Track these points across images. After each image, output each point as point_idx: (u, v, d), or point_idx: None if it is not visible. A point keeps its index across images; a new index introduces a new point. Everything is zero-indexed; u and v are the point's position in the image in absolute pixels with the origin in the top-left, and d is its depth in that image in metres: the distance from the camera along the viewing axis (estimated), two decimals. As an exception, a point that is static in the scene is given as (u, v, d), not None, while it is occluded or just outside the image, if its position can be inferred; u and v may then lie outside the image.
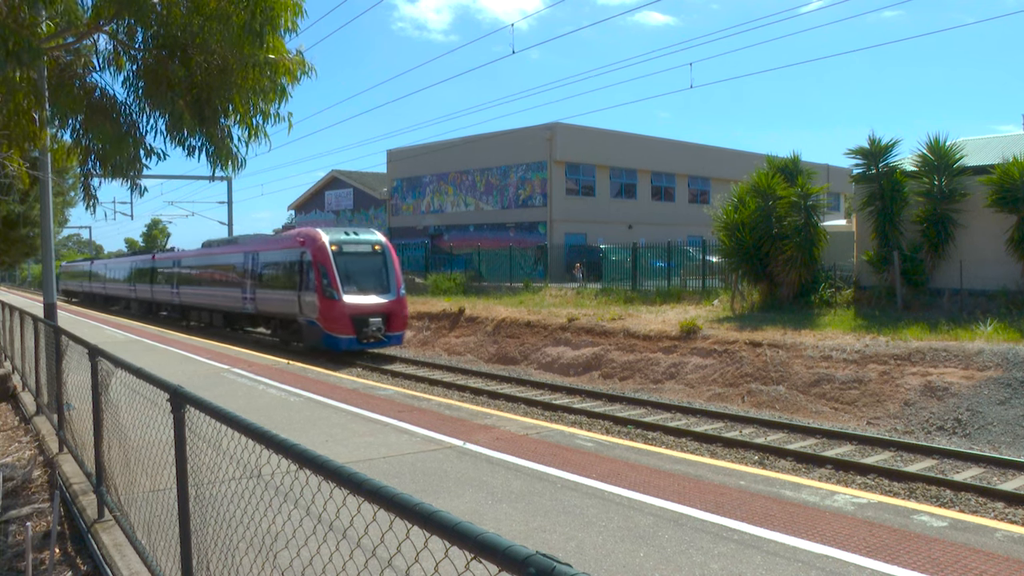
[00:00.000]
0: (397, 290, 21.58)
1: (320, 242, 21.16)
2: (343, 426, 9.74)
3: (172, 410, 3.91)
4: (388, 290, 21.49)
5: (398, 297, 21.50)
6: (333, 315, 20.32)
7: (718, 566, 5.04)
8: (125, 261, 44.87)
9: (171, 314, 35.31)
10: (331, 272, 20.52)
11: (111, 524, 6.07)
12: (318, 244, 21.14)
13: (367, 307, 20.68)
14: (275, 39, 6.56)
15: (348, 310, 20.30)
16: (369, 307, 20.72)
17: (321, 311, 20.53)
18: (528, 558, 1.46)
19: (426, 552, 1.92)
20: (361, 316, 20.44)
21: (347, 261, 21.15)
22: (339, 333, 20.32)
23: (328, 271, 20.55)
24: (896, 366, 14.08)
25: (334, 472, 2.19)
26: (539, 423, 10.12)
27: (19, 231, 26.71)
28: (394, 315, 21.24)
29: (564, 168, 36.80)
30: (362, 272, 21.39)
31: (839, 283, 20.99)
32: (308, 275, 21.21)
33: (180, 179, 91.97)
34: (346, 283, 20.67)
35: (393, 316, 21.18)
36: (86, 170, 8.21)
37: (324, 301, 20.44)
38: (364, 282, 21.27)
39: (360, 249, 21.76)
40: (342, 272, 20.71)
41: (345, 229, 22.87)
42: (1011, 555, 5.15)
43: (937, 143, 18.82)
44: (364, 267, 21.57)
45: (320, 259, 20.85)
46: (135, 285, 40.17)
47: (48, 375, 10.21)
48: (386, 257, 22.00)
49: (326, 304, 20.42)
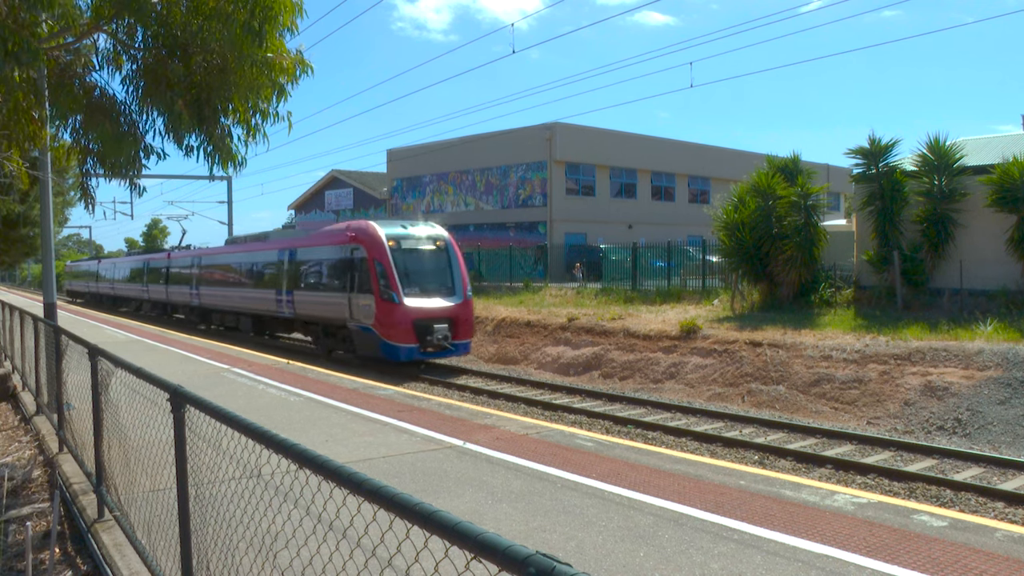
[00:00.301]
0: (464, 292, 18.89)
1: (376, 236, 18.45)
2: (343, 426, 9.74)
3: (172, 410, 3.91)
4: (453, 292, 18.79)
5: (465, 300, 18.83)
6: (392, 321, 17.72)
7: (718, 566, 5.04)
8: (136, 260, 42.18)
9: (189, 317, 32.71)
10: (390, 271, 17.86)
11: (111, 524, 6.07)
12: (374, 238, 18.45)
13: (431, 311, 18.05)
14: (274, 38, 6.57)
15: (411, 315, 17.72)
16: (434, 311, 18.08)
17: (378, 316, 17.90)
18: (528, 558, 1.46)
19: (426, 552, 1.92)
20: (425, 322, 17.89)
21: (406, 258, 18.48)
22: (399, 341, 17.71)
23: (386, 270, 17.87)
24: (896, 366, 14.08)
25: (334, 472, 2.19)
26: (539, 423, 10.12)
27: (19, 231, 26.64)
28: (461, 321, 18.57)
29: (564, 168, 36.80)
30: (424, 271, 18.79)
31: (839, 283, 20.99)
32: (361, 274, 18.52)
33: (180, 179, 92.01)
34: (406, 284, 18.05)
35: (459, 322, 18.54)
36: (85, 170, 8.21)
37: (382, 304, 17.81)
38: (426, 283, 18.63)
39: (420, 245, 19.02)
40: (401, 271, 18.06)
41: (401, 222, 20.16)
42: (1011, 555, 5.15)
43: (937, 143, 18.82)
44: (426, 265, 18.93)
45: (376, 255, 18.13)
46: (147, 285, 37.70)
47: (48, 375, 10.21)
48: (450, 254, 19.25)
49: (384, 308, 17.78)
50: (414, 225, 19.75)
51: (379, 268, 17.96)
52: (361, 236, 18.80)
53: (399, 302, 17.73)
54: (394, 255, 18.18)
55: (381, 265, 17.98)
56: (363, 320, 18.41)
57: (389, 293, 17.80)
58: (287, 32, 6.72)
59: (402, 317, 17.71)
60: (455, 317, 18.42)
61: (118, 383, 5.85)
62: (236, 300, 26.71)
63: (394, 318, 17.73)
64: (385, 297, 17.82)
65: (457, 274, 19.06)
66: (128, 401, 5.61)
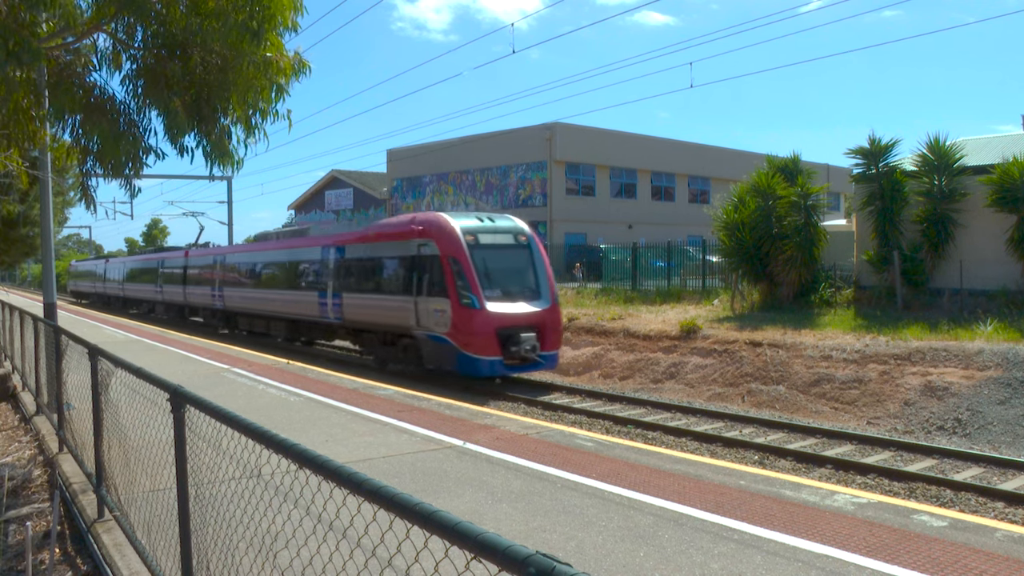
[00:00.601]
0: (551, 295, 16.36)
1: (450, 230, 15.94)
2: (343, 426, 9.74)
3: (172, 410, 3.91)
4: (539, 295, 16.24)
5: (552, 305, 16.27)
6: (472, 329, 15.22)
7: (718, 566, 5.04)
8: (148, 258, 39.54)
9: (210, 321, 30.20)
10: (469, 271, 15.34)
11: (111, 524, 6.07)
12: (447, 232, 15.94)
13: (516, 318, 15.57)
14: (273, 37, 6.57)
15: (493, 322, 15.23)
16: (519, 318, 15.60)
17: (455, 323, 15.32)
18: (528, 558, 1.46)
19: (426, 552, 1.92)
20: (509, 330, 15.39)
21: (485, 256, 15.94)
22: (480, 353, 15.23)
23: (465, 269, 15.36)
24: (896, 366, 14.09)
25: (334, 472, 2.19)
26: (539, 423, 10.12)
27: (19, 231, 26.61)
28: (548, 329, 16.02)
29: (564, 168, 36.82)
30: (506, 271, 16.32)
31: (839, 283, 21.00)
32: (432, 275, 16.01)
33: (180, 179, 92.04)
34: (487, 286, 15.56)
35: (547, 330, 15.97)
36: (85, 170, 8.21)
37: (460, 310, 15.28)
38: (509, 284, 16.17)
39: (500, 240, 16.47)
40: (480, 271, 15.56)
41: (476, 214, 17.39)
42: (1011, 555, 5.15)
43: (937, 143, 18.83)
44: (507, 264, 16.45)
45: (451, 252, 15.62)
46: (162, 286, 35.19)
47: (48, 375, 10.21)
48: (533, 251, 16.73)
49: (463, 314, 15.26)
50: (492, 218, 17.11)
51: (455, 267, 15.44)
52: (431, 229, 16.29)
53: (480, 307, 15.22)
54: (472, 252, 15.62)
55: (458, 264, 15.44)
56: (435, 328, 15.83)
57: (469, 297, 15.25)
58: (288, 31, 6.73)
59: (484, 325, 15.22)
60: (542, 324, 15.89)
61: (118, 383, 5.85)
62: (268, 303, 24.11)
63: (474, 326, 15.22)
64: (464, 301, 15.27)
65: (543, 274, 16.54)
66: (128, 401, 5.61)
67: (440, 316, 15.68)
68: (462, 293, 15.31)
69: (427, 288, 16.05)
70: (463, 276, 15.36)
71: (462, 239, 15.73)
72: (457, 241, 15.71)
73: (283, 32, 6.71)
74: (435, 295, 15.84)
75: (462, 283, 15.33)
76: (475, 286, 15.30)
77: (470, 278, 15.32)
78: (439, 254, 15.79)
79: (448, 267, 15.53)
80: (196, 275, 30.87)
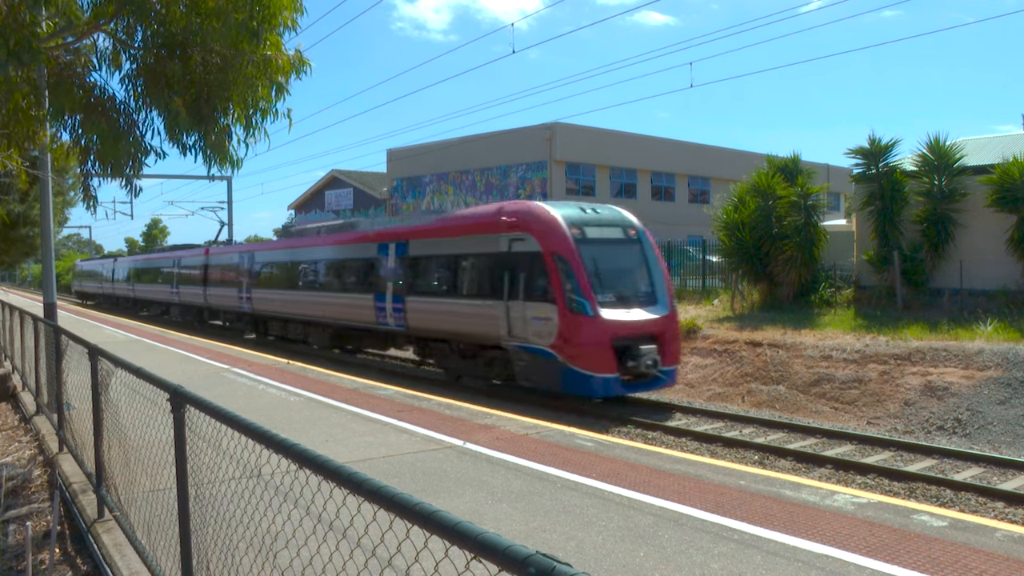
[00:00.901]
0: (668, 299, 14.01)
1: (553, 222, 13.52)
2: (343, 426, 9.74)
3: (172, 410, 3.91)
4: (656, 299, 13.86)
5: (671, 311, 13.96)
6: (584, 340, 12.83)
7: (718, 566, 5.04)
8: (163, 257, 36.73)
9: (234, 325, 27.75)
10: (579, 270, 12.96)
11: (111, 524, 6.07)
12: (549, 225, 13.51)
13: (634, 327, 13.21)
14: (272, 37, 6.57)
15: (609, 332, 12.87)
16: (636, 327, 13.24)
17: (563, 333, 12.87)
18: (528, 558, 1.46)
19: (426, 552, 1.92)
20: (626, 341, 13.02)
21: (595, 253, 13.49)
22: (593, 369, 12.79)
23: (574, 269, 12.95)
24: (896, 366, 14.09)
25: (334, 472, 2.19)
26: (539, 423, 10.12)
27: (19, 231, 26.58)
28: (668, 339, 13.65)
29: (564, 168, 36.81)
30: (617, 271, 13.96)
31: (839, 283, 21.02)
32: (530, 275, 13.55)
33: (180, 179, 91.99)
34: (598, 288, 13.14)
35: (667, 340, 13.59)
36: (85, 169, 8.22)
37: (569, 318, 12.81)
38: (623, 287, 13.80)
39: (608, 234, 14.07)
40: (590, 271, 13.19)
41: (574, 203, 14.90)
42: (1011, 555, 5.15)
43: (937, 143, 18.85)
44: (619, 263, 14.06)
45: (557, 249, 13.16)
46: (178, 287, 32.77)
47: (48, 375, 10.21)
48: (645, 247, 14.32)
49: (572, 322, 12.81)
50: (596, 209, 14.61)
51: (562, 266, 12.96)
52: (529, 221, 13.82)
53: (594, 314, 12.78)
54: (580, 249, 13.24)
55: (566, 263, 12.98)
56: (534, 339, 13.37)
57: (580, 302, 12.81)
58: (288, 30, 6.73)
59: (598, 335, 12.80)
60: (661, 334, 13.49)
61: (118, 383, 5.85)
62: (307, 306, 21.43)
63: (587, 336, 12.82)
64: (574, 308, 12.81)
65: (658, 275, 14.19)
66: (128, 401, 5.61)
67: (542, 325, 13.20)
68: (571, 297, 12.82)
69: (523, 291, 13.58)
70: (572, 277, 12.90)
71: (568, 233, 13.31)
72: (562, 235, 13.28)
73: (283, 32, 6.72)
74: (534, 299, 13.38)
75: (571, 285, 12.85)
76: (587, 289, 12.85)
77: (580, 279, 12.88)
78: (540, 251, 13.31)
79: (553, 266, 13.03)
80: (219, 275, 28.30)
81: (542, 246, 13.34)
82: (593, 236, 13.72)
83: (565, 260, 13.02)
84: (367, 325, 18.52)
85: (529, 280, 13.54)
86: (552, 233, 13.40)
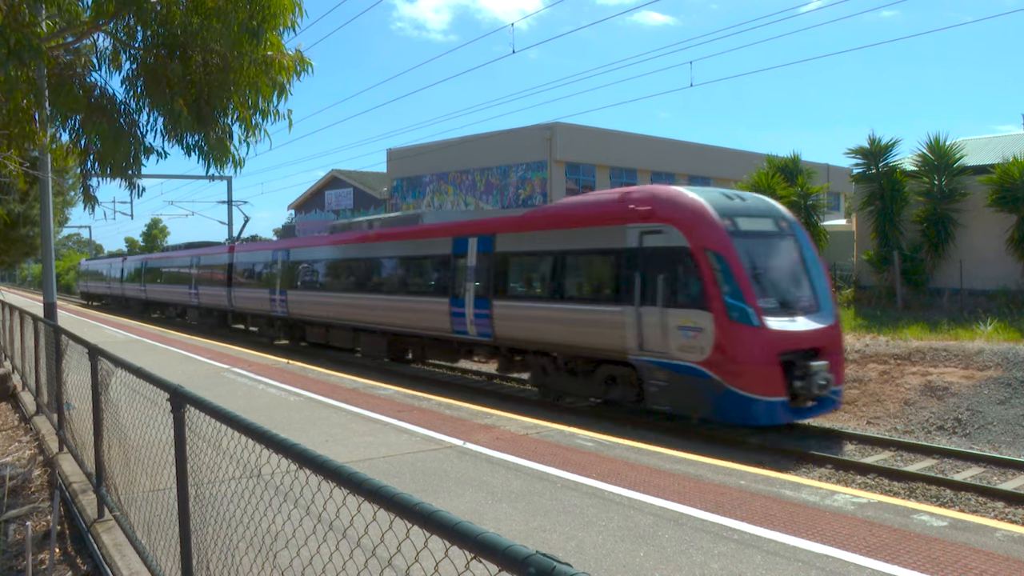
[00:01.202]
0: (833, 306, 11.75)
1: (701, 211, 11.25)
2: (343, 426, 9.74)
3: (172, 410, 3.91)
4: (819, 306, 11.52)
5: (835, 320, 11.63)
6: (748, 356, 10.59)
7: (718, 566, 5.04)
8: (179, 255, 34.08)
9: (264, 331, 25.23)
10: (739, 270, 10.75)
11: (111, 524, 6.07)
12: (699, 215, 11.23)
13: (801, 338, 10.94)
14: (273, 37, 6.57)
15: (777, 346, 10.67)
16: (803, 338, 10.97)
17: (722, 346, 10.61)
18: (528, 558, 1.46)
19: (426, 552, 1.92)
20: (792, 356, 10.77)
21: (748, 250, 11.19)
22: (758, 391, 10.51)
23: (733, 268, 10.73)
24: (896, 365, 14.09)
25: (334, 472, 2.20)
26: (539, 422, 10.12)
27: (19, 231, 26.58)
28: (835, 353, 11.37)
29: (564, 168, 36.82)
30: (776, 272, 11.55)
31: (839, 283, 21.04)
32: (672, 275, 11.27)
33: (180, 179, 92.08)
34: (759, 293, 10.90)
35: (834, 355, 11.30)
36: (85, 170, 8.22)
37: (729, 328, 10.58)
38: (784, 291, 11.43)
39: (760, 226, 11.74)
40: (748, 271, 10.95)
41: (722, 191, 12.54)
42: (1011, 555, 5.15)
43: (937, 143, 18.87)
44: (776, 262, 11.67)
45: (709, 243, 10.95)
46: (197, 288, 30.29)
47: (48, 375, 10.22)
48: (801, 243, 12.04)
49: (733, 333, 10.60)
50: (743, 197, 12.35)
51: (719, 266, 10.76)
52: (671, 210, 11.50)
53: (760, 324, 10.55)
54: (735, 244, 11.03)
55: (722, 261, 10.78)
56: (678, 353, 11.08)
57: (742, 309, 10.56)
58: (287, 31, 6.73)
59: (765, 350, 10.58)
60: (828, 348, 11.23)
61: (118, 383, 5.85)
62: (358, 311, 19.03)
63: (752, 351, 10.59)
64: (734, 315, 10.56)
65: (819, 276, 11.85)
66: (128, 401, 5.61)
67: (690, 337, 10.90)
68: (731, 303, 10.58)
69: (662, 295, 11.25)
70: (731, 279, 10.68)
71: (721, 225, 11.09)
72: (715, 226, 11.05)
73: (282, 32, 6.72)
74: (679, 305, 11.12)
75: (730, 288, 10.64)
76: (750, 293, 10.64)
77: (742, 282, 10.68)
78: (687, 246, 11.05)
79: (706, 264, 10.81)
80: (246, 274, 25.85)
81: (690, 240, 11.05)
82: (746, 228, 11.39)
83: (721, 258, 10.79)
84: (438, 333, 16.09)
85: (671, 281, 11.26)
86: (702, 224, 11.12)
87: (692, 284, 11.06)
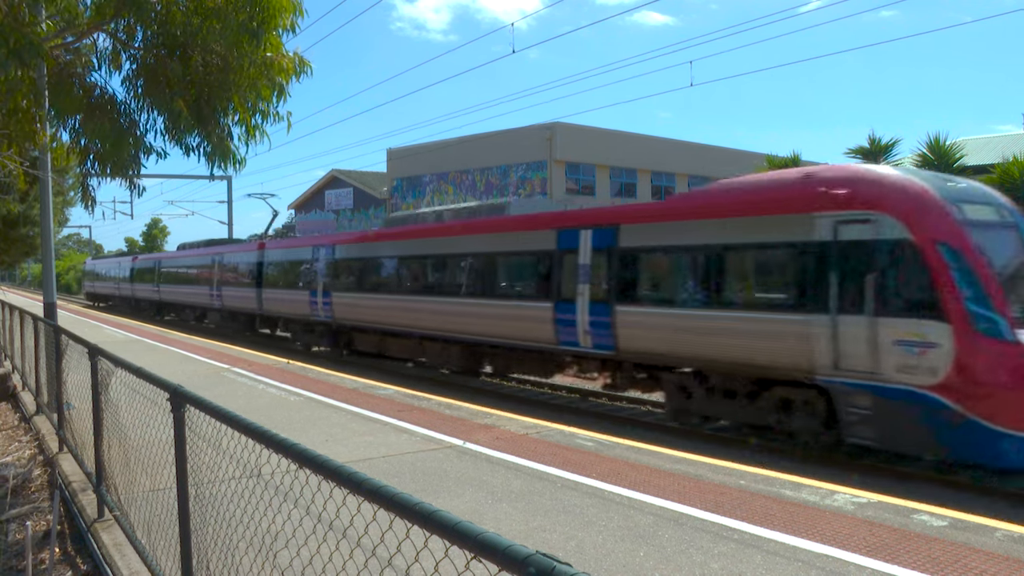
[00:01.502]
0: None
1: (924, 194, 9.02)
2: (343, 425, 9.74)
3: (172, 409, 3.91)
4: None
5: None
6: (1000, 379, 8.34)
7: (718, 565, 5.04)
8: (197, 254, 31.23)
9: (300, 337, 22.82)
10: (982, 272, 8.62)
11: (111, 523, 6.08)
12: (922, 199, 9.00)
13: None
14: (272, 38, 6.58)
15: None
16: None
17: (963, 365, 8.34)
18: (528, 557, 1.46)
19: (426, 552, 1.92)
20: None
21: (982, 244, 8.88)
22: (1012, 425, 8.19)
23: (974, 267, 8.59)
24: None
25: (334, 472, 2.20)
26: (539, 422, 10.12)
27: (19, 230, 26.60)
28: None
29: (564, 167, 36.82)
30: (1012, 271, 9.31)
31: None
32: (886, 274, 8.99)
33: (180, 178, 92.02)
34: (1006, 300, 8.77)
35: None
36: (85, 169, 8.22)
37: (977, 343, 8.35)
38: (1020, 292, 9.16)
39: (987, 216, 9.42)
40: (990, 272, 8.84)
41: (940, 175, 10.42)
42: (1011, 555, 5.16)
43: (937, 143, 18.86)
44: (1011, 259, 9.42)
45: (942, 235, 8.74)
46: (219, 289, 27.76)
47: (48, 374, 10.22)
48: None
49: (981, 349, 8.37)
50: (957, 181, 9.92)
51: (956, 264, 8.58)
52: (881, 194, 9.19)
53: (1015, 339, 8.33)
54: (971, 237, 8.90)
55: (959, 258, 8.61)
56: (895, 374, 8.78)
57: (991, 319, 8.41)
58: (287, 32, 6.73)
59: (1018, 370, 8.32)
60: None
61: (118, 383, 5.85)
62: (428, 316, 16.44)
63: (1007, 374, 8.33)
64: (984, 327, 8.38)
65: None
66: (128, 401, 5.61)
67: (915, 354, 8.62)
68: (976, 311, 8.41)
69: (872, 301, 8.96)
70: (973, 280, 8.53)
71: (952, 215, 8.89)
72: (944, 215, 8.88)
73: (282, 33, 6.72)
74: (898, 313, 8.82)
75: (973, 292, 8.46)
76: (999, 299, 8.49)
77: (988, 285, 8.54)
78: (910, 238, 8.79)
79: (939, 263, 8.59)
80: (279, 274, 23.39)
81: (913, 232, 8.78)
82: (974, 218, 9.10)
83: (959, 254, 8.58)
84: (538, 344, 13.70)
85: (885, 283, 8.99)
86: (928, 211, 8.89)
87: (918, 287, 8.76)
